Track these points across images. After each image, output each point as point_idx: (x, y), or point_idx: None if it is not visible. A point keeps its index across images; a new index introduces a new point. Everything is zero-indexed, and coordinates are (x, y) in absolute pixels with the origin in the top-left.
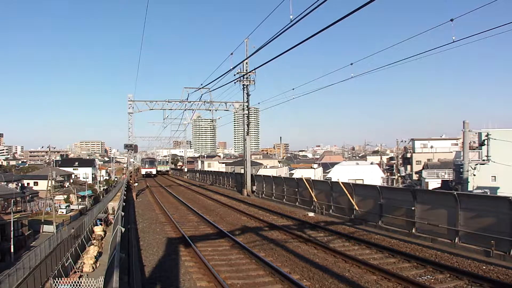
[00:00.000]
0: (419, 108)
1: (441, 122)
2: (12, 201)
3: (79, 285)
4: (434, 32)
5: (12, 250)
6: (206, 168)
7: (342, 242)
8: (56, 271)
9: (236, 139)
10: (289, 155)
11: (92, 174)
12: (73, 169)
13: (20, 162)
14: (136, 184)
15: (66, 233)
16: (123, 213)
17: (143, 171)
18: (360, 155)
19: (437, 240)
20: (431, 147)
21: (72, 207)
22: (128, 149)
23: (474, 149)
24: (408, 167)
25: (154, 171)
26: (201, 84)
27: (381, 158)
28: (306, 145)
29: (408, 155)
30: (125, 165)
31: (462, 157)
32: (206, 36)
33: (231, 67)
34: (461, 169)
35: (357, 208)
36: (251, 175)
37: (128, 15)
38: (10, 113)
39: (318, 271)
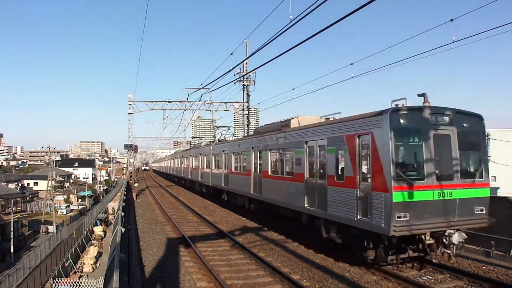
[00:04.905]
0: None
1: None
2: (12, 201)
3: (79, 286)
4: (434, 32)
5: (12, 251)
6: None
7: None
8: (56, 271)
9: None
10: None
11: (92, 174)
12: (73, 169)
13: (20, 162)
14: (136, 184)
15: (66, 233)
16: (123, 213)
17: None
18: None
19: None
20: None
21: (72, 207)
22: (128, 149)
23: None
24: None
25: None
26: (201, 84)
27: None
28: None
29: None
30: (125, 165)
31: None
32: (206, 36)
33: (231, 67)
34: None
35: None
36: None
37: (128, 15)
38: (10, 113)
39: (318, 271)
